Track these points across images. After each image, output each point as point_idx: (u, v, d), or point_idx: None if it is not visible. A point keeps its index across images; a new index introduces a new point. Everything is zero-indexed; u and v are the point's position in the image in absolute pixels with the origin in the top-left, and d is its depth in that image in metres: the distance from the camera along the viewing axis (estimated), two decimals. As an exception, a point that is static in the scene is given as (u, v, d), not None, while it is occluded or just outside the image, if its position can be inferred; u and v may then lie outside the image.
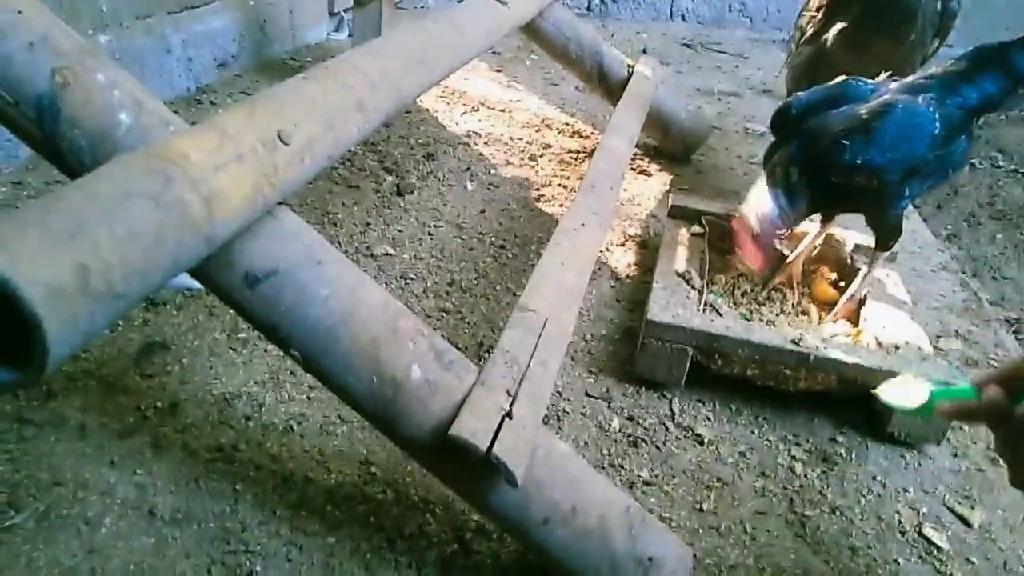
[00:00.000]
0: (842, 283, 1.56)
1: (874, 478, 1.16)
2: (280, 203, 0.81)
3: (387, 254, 1.63)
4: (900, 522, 1.08)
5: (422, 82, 1.10)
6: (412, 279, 1.56)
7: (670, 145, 2.32)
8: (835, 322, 1.44)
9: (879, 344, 1.29)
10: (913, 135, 1.25)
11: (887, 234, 1.38)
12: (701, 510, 1.06)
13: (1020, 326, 2.01)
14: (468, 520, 1.00)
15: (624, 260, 1.73)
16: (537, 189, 2.05)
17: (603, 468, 1.12)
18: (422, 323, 0.86)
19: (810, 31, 1.84)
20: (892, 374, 1.17)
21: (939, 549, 1.04)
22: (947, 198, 2.58)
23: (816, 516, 1.07)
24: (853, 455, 1.20)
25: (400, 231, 1.73)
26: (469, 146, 2.26)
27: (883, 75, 1.42)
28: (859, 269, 1.52)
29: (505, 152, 2.26)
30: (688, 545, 0.91)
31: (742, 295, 1.52)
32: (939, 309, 1.67)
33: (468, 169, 2.10)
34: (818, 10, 1.82)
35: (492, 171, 2.12)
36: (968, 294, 1.76)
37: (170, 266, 0.61)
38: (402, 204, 1.86)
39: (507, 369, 0.85)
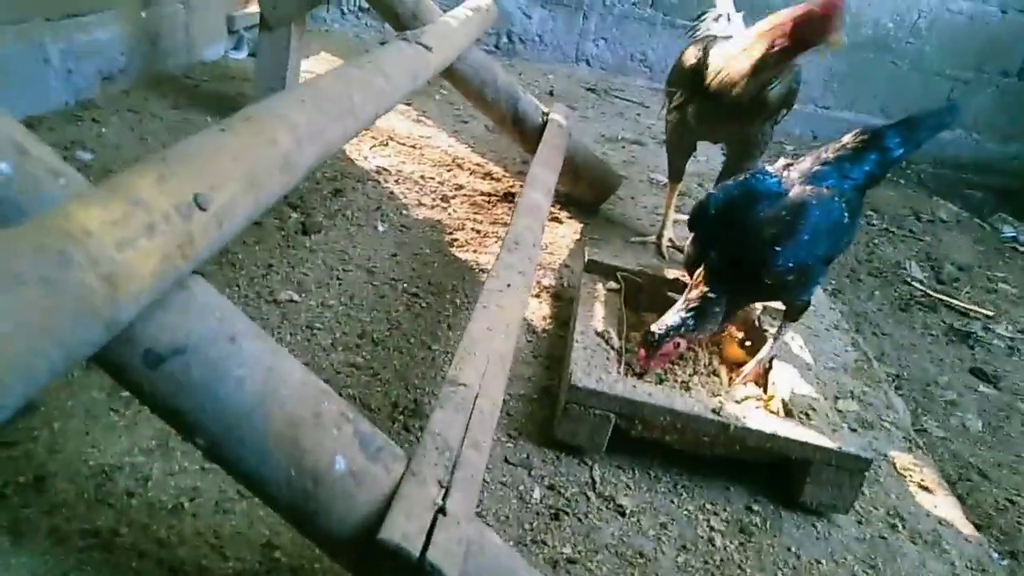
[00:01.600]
0: (748, 343, 1.60)
1: (789, 549, 1.17)
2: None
3: (292, 300, 1.52)
4: (814, 597, 1.09)
5: (348, 132, 1.03)
6: (319, 329, 1.46)
7: (581, 193, 2.33)
8: (744, 384, 1.47)
9: (787, 411, 1.32)
10: (831, 230, 1.32)
11: (799, 310, 1.43)
12: (627, 588, 1.03)
13: (900, 382, 2.14)
14: (383, 611, 0.92)
15: (539, 312, 1.70)
16: (450, 233, 1.99)
17: (526, 544, 1.07)
18: (346, 405, 0.79)
19: (673, 103, 1.92)
20: (809, 444, 1.20)
21: (853, 625, 1.05)
22: (833, 255, 2.73)
23: (738, 593, 1.07)
24: (768, 524, 1.21)
25: (306, 274, 1.63)
26: (379, 183, 2.18)
27: (780, 162, 1.49)
28: (766, 331, 1.56)
29: (416, 191, 2.20)
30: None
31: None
32: (835, 370, 1.74)
33: (378, 208, 2.02)
34: (678, 87, 1.90)
35: (403, 212, 2.05)
36: (859, 353, 1.85)
37: (61, 360, 0.52)
38: (308, 244, 1.76)
39: (438, 456, 0.79)
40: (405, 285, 1.69)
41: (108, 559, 0.90)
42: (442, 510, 0.73)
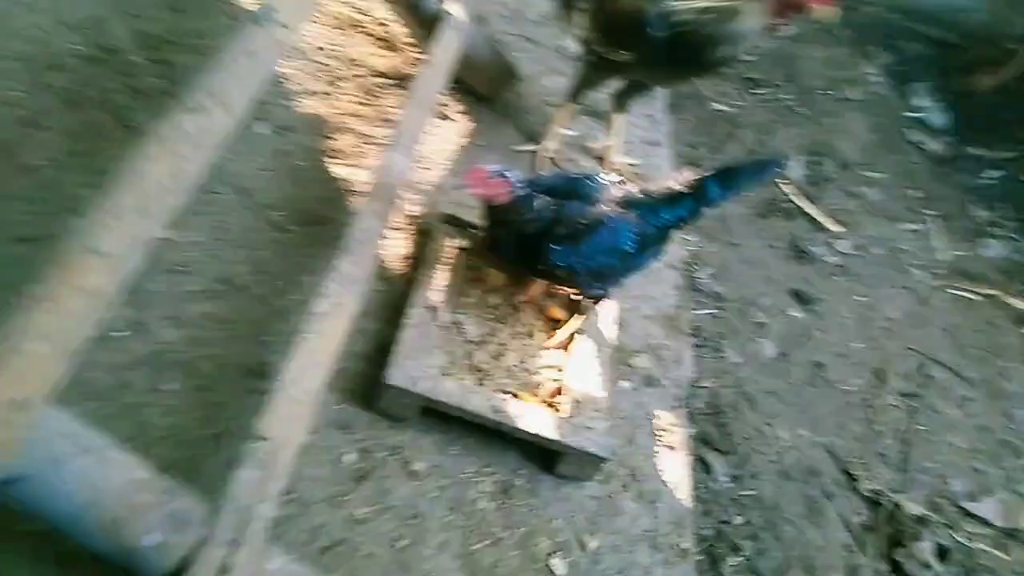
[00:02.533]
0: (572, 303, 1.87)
1: (533, 509, 1.57)
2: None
3: (162, 240, 1.68)
4: (537, 552, 1.52)
5: None
6: (186, 272, 1.64)
7: (476, 84, 2.37)
8: (552, 348, 1.77)
9: (558, 395, 1.65)
10: (610, 251, 1.54)
11: (593, 299, 1.70)
12: (397, 546, 1.42)
13: (722, 304, 2.48)
14: None
15: (396, 252, 1.89)
16: (332, 137, 2.07)
17: (329, 505, 1.43)
18: (159, 488, 1.06)
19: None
20: (561, 443, 1.55)
21: (554, 574, 1.49)
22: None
23: (480, 549, 1.48)
24: (527, 487, 1.60)
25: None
26: (269, 60, 2.16)
27: (611, 175, 1.65)
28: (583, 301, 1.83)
29: (305, 70, 2.19)
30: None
31: (492, 308, 1.80)
32: (649, 319, 2.05)
33: (261, 102, 2.05)
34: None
35: (286, 103, 2.09)
36: (678, 298, 2.15)
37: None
38: (185, 156, 1.84)
39: (233, 519, 1.09)
40: (275, 215, 1.84)
41: None
42: (225, 568, 1.06)
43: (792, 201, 2.93)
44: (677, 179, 1.59)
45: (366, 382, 1.61)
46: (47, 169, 1.71)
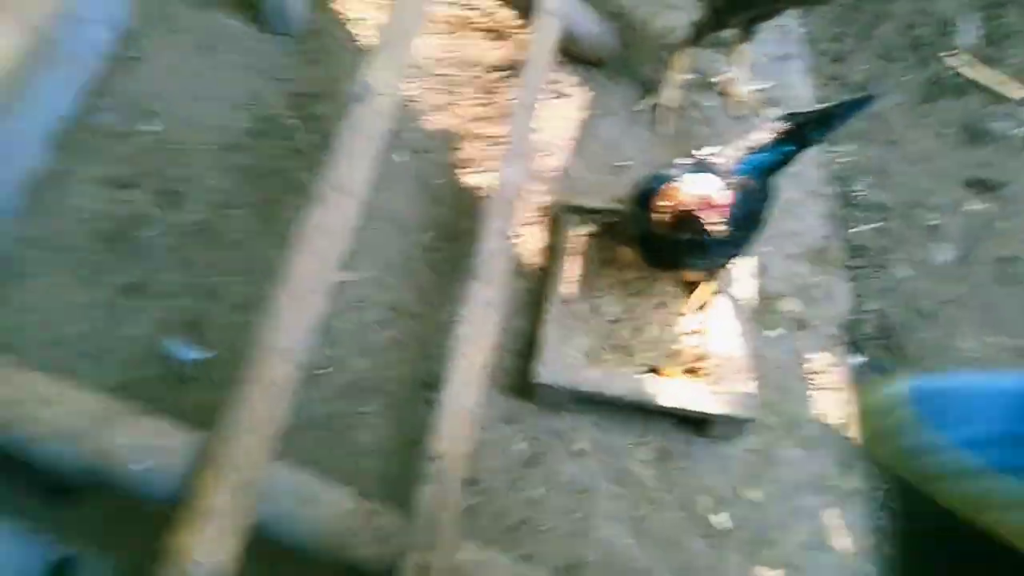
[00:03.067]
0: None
1: (689, 469, 1.72)
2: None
3: (343, 282, 2.00)
4: (699, 510, 1.66)
5: None
6: (365, 307, 1.96)
7: (583, 53, 2.41)
8: (690, 313, 1.86)
9: (700, 362, 1.75)
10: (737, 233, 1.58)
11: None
12: (572, 520, 1.66)
13: (885, 214, 2.35)
14: None
15: (533, 245, 2.06)
16: (458, 147, 2.26)
17: (509, 490, 1.69)
18: (364, 513, 1.36)
19: None
20: (704, 412, 1.66)
21: (718, 529, 1.64)
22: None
23: (646, 514, 1.66)
24: (681, 451, 1.74)
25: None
26: (394, 88, 2.39)
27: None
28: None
29: (427, 86, 2.38)
30: (557, 555, 1.53)
31: (627, 284, 1.92)
32: (795, 258, 2.04)
33: (395, 131, 2.28)
34: None
35: (413, 124, 2.30)
36: (827, 228, 2.10)
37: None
38: (343, 202, 2.14)
39: (424, 528, 1.38)
40: (425, 236, 2.09)
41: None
42: (424, 568, 1.35)
43: (962, 75, 2.61)
44: (772, 127, 1.59)
45: (523, 376, 1.83)
46: (246, 242, 2.09)
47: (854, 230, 2.30)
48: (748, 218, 1.62)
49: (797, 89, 2.40)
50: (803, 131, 1.57)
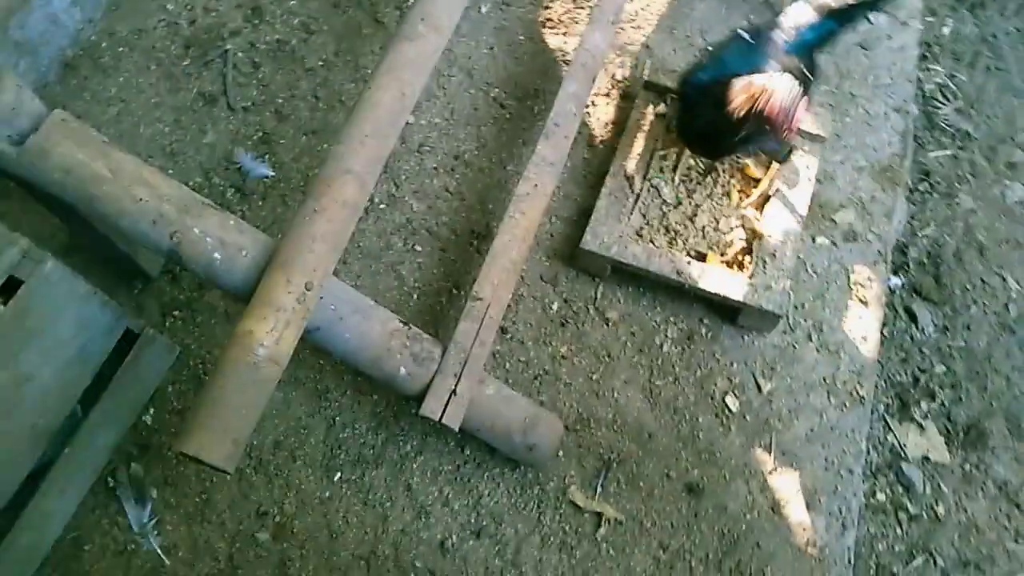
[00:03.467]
0: (772, 164, 1.92)
1: (714, 354, 1.80)
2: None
3: (407, 123, 2.04)
4: (714, 390, 1.76)
5: None
6: (427, 151, 2.01)
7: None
8: (745, 208, 1.88)
9: (748, 250, 1.79)
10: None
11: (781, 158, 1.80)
12: (591, 379, 1.77)
13: (966, 144, 2.28)
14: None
15: (603, 118, 2.06)
16: (545, 6, 2.22)
17: (537, 343, 1.80)
18: (406, 335, 1.48)
19: None
20: (739, 301, 1.72)
21: (729, 410, 1.74)
22: None
23: (662, 384, 1.76)
24: (710, 335, 1.82)
25: (419, 86, 2.09)
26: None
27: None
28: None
29: (523, -63, 2.31)
30: (571, 407, 1.66)
31: (687, 170, 1.94)
32: (861, 170, 2.01)
33: (483, -21, 2.25)
34: None
35: (506, -24, 2.26)
36: (900, 145, 2.05)
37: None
38: (421, 43, 2.15)
39: (456, 357, 1.50)
40: (496, 91, 2.10)
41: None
42: (454, 392, 1.48)
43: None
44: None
45: (570, 242, 1.89)
46: (321, 69, 2.13)
47: (932, 153, 2.24)
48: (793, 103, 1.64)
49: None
50: (850, 9, 1.59)
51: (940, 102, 2.32)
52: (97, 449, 1.53)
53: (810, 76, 1.66)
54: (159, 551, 1.54)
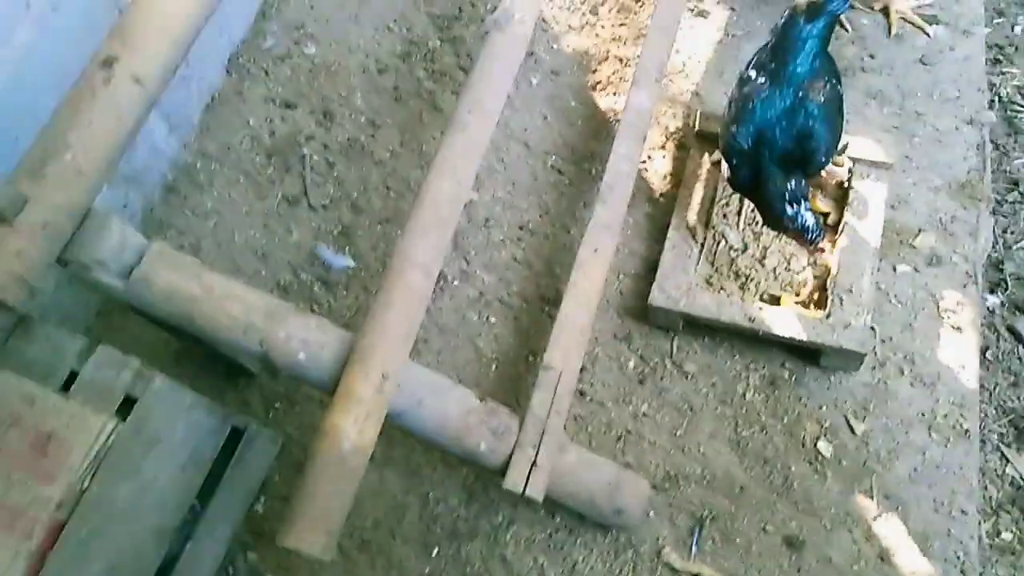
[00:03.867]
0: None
1: (800, 399, 1.75)
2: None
3: (472, 201, 2.14)
4: (804, 435, 1.71)
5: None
6: (493, 224, 2.10)
7: (729, -33, 2.31)
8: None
9: (823, 292, 1.74)
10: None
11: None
12: (676, 435, 1.76)
13: (1011, 208, 2.15)
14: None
15: (660, 172, 2.09)
16: (594, 70, 2.29)
17: (618, 403, 1.81)
18: (483, 411, 1.54)
19: None
20: (818, 343, 1.68)
21: (823, 457, 1.69)
22: None
23: (749, 435, 1.73)
24: (793, 379, 1.78)
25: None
26: None
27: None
28: (851, 189, 1.83)
29: (564, 6, 2.40)
30: (658, 466, 1.66)
31: (751, 212, 1.93)
32: (936, 190, 1.94)
33: (531, 53, 2.34)
34: None
35: (553, 46, 2.35)
36: (978, 159, 1.96)
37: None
38: (479, 123, 2.26)
39: (534, 428, 1.54)
40: (553, 158, 2.17)
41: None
42: (535, 463, 1.52)
43: None
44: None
45: (641, 298, 1.91)
46: (390, 160, 2.28)
47: (1016, 161, 2.13)
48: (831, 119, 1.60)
49: (969, 3, 2.19)
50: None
51: (1021, 105, 2.21)
52: (216, 541, 1.66)
53: (838, 82, 1.65)
54: (278, 635, 1.64)
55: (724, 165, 1.88)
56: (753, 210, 1.91)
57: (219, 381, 1.92)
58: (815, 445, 1.70)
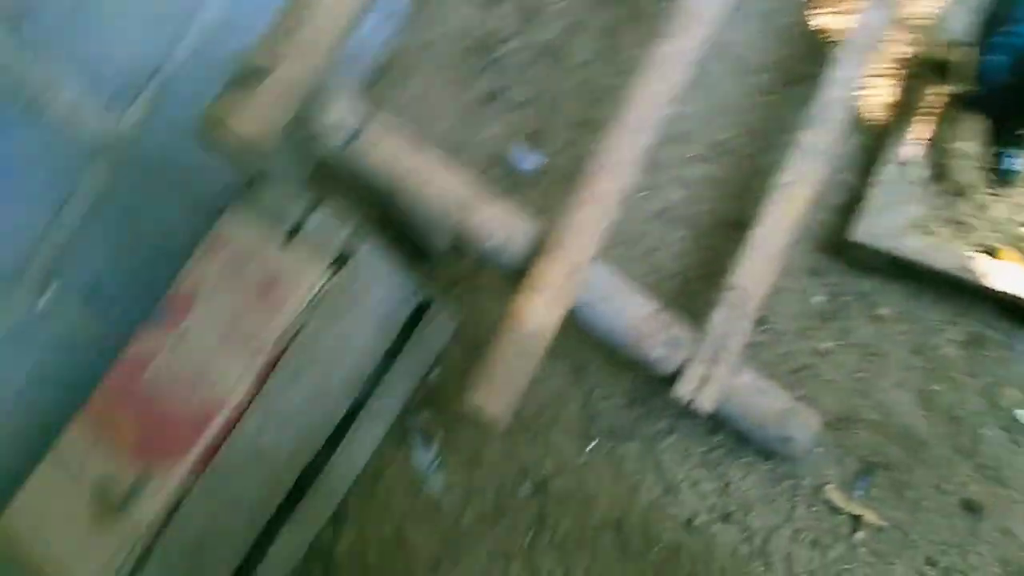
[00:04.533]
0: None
1: (1004, 362, 1.61)
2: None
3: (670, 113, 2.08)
4: (1003, 401, 1.58)
5: None
6: (688, 140, 2.03)
7: None
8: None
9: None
10: None
11: None
12: (857, 377, 1.68)
13: None
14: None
15: (881, 98, 1.92)
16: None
17: (798, 337, 1.75)
18: (663, 319, 1.54)
19: None
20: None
21: (1020, 425, 1.55)
22: None
23: (940, 390, 1.63)
24: (1001, 340, 1.63)
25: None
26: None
27: None
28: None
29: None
30: (833, 405, 1.60)
31: (979, 157, 1.75)
32: None
33: (753, -37, 2.20)
34: None
35: (778, -43, 2.19)
36: None
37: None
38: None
39: (711, 344, 1.53)
40: (763, 78, 2.05)
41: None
42: (707, 376, 1.51)
43: None
44: None
45: (838, 233, 1.81)
46: (588, 65, 2.25)
47: None
48: None
49: None
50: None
51: None
52: (395, 396, 1.82)
53: None
54: (439, 489, 1.79)
55: (961, 99, 1.71)
56: (990, 152, 1.73)
57: (409, 258, 2.05)
58: (1012, 413, 1.57)
